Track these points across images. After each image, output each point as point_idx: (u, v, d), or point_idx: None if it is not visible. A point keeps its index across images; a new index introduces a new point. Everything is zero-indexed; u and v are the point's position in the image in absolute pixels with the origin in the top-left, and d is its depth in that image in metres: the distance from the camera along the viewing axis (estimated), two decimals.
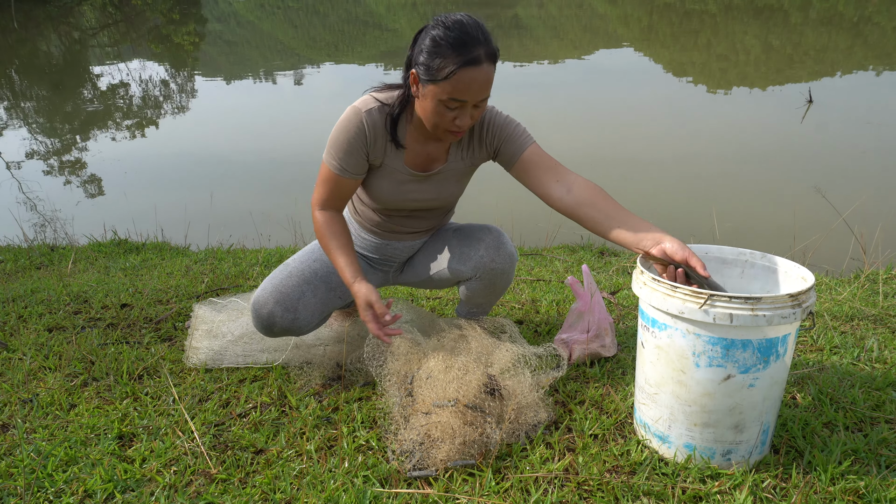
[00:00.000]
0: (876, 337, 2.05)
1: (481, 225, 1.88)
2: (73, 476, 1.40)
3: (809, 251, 3.29)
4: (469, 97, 1.51)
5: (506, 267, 1.82)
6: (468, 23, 1.49)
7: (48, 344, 2.06)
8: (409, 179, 1.73)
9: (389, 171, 1.72)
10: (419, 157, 1.72)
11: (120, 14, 22.92)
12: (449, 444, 1.42)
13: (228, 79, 11.49)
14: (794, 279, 1.44)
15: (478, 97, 1.52)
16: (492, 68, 1.51)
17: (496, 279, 1.83)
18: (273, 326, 1.75)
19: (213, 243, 3.79)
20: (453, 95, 1.50)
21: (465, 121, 1.55)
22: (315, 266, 1.83)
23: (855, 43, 12.61)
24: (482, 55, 1.48)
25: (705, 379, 1.33)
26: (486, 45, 1.49)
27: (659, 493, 1.32)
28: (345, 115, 1.64)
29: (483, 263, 1.80)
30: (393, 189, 1.74)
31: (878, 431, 1.50)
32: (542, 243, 3.79)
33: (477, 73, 1.48)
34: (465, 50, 1.46)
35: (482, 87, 1.51)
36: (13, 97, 10.07)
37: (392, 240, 1.90)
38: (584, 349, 1.88)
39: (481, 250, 1.81)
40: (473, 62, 1.47)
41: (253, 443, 1.53)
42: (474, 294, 1.90)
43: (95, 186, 5.78)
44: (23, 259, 3.38)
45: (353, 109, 1.63)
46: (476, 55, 1.47)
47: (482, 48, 1.48)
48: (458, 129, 1.57)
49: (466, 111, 1.54)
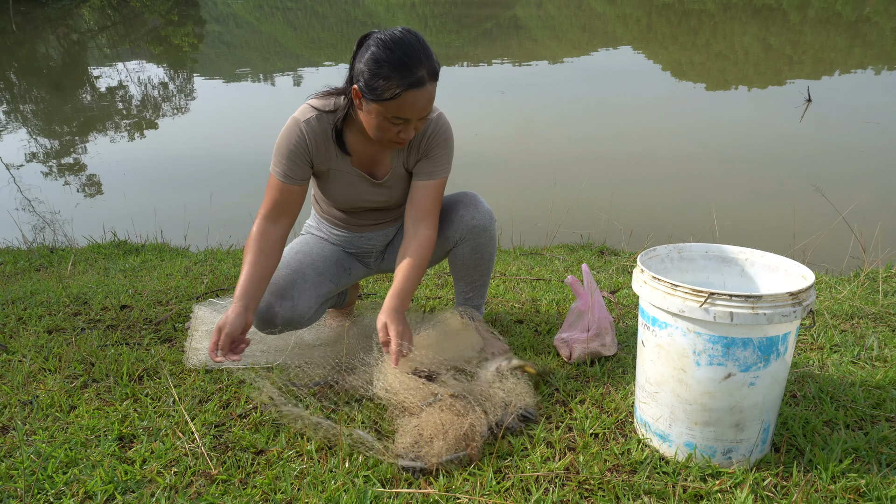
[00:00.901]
0: (876, 335, 2.05)
1: (456, 192, 1.94)
2: (73, 478, 1.40)
3: (809, 250, 3.29)
4: (412, 115, 1.57)
5: (486, 223, 1.87)
6: (409, 42, 1.51)
7: (48, 346, 2.06)
8: (362, 183, 1.80)
9: (339, 175, 1.79)
10: (365, 159, 1.78)
11: (118, 16, 22.91)
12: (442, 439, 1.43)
13: (227, 80, 11.49)
14: (795, 278, 1.44)
15: (420, 115, 1.58)
16: (434, 86, 1.57)
17: (479, 237, 1.87)
18: (274, 318, 1.76)
19: (213, 244, 3.79)
20: (396, 114, 1.55)
21: (408, 134, 1.61)
22: (299, 257, 1.90)
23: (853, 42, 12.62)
24: (424, 76, 1.52)
25: (706, 377, 1.33)
26: (427, 65, 1.53)
27: (660, 491, 1.32)
28: (286, 126, 1.71)
29: (465, 222, 1.85)
30: (347, 193, 1.82)
31: (878, 429, 1.50)
32: (542, 243, 3.79)
33: (420, 94, 1.53)
34: (408, 72, 1.50)
35: (425, 105, 1.57)
36: (12, 99, 10.06)
37: (362, 231, 1.97)
38: (585, 348, 1.88)
39: (460, 210, 1.86)
40: (416, 84, 1.51)
41: (253, 443, 1.53)
42: (464, 265, 1.92)
43: (95, 188, 5.78)
44: (22, 261, 3.38)
45: (293, 120, 1.70)
46: (419, 76, 1.51)
47: (424, 68, 1.52)
48: (402, 141, 1.63)
49: (410, 126, 1.60)
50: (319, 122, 1.69)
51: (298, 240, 2.01)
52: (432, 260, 2.03)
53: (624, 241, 3.77)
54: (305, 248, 1.94)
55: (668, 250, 1.57)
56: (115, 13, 23.25)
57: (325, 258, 1.94)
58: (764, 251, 1.53)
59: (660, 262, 1.56)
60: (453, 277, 2.01)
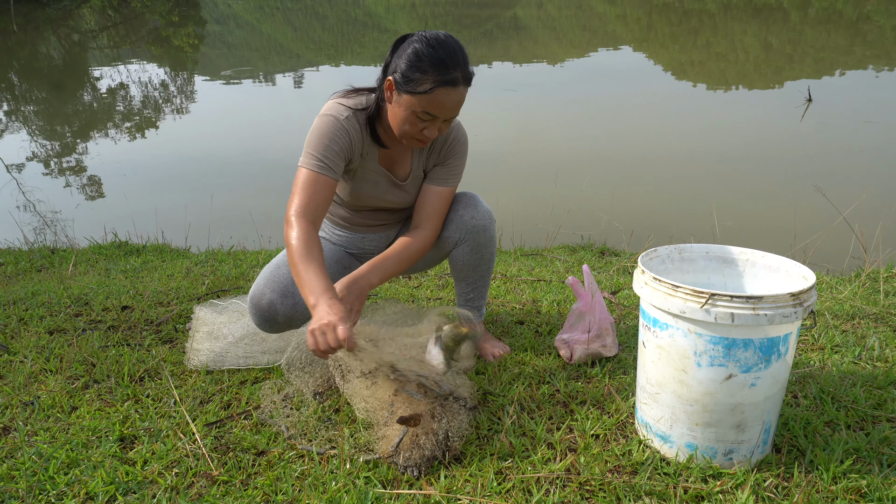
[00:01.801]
0: (877, 335, 2.05)
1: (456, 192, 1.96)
2: (74, 478, 1.40)
3: (810, 250, 3.29)
4: (441, 114, 1.60)
5: (486, 223, 1.87)
6: (451, 44, 1.58)
7: (49, 346, 2.06)
8: (385, 182, 1.83)
9: (365, 174, 1.81)
10: (388, 158, 1.82)
11: (119, 16, 22.92)
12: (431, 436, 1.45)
13: (228, 80, 11.50)
14: (795, 278, 1.44)
15: (449, 115, 1.62)
16: (466, 90, 1.62)
17: (479, 237, 1.87)
18: (276, 316, 1.76)
19: (214, 245, 3.79)
20: (427, 109, 1.59)
21: (432, 133, 1.64)
22: None
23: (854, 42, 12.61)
24: (459, 78, 1.58)
25: (707, 378, 1.33)
26: (464, 69, 1.59)
27: (661, 492, 1.32)
28: (322, 121, 1.68)
29: (463, 221, 1.86)
30: (371, 191, 1.85)
31: (879, 430, 1.50)
32: (543, 243, 3.79)
33: (452, 94, 1.58)
34: (445, 70, 1.55)
35: (455, 106, 1.61)
36: (13, 100, 10.07)
37: (364, 233, 1.98)
38: (586, 349, 1.88)
39: (459, 210, 1.87)
40: (451, 83, 1.57)
41: (254, 444, 1.53)
42: (464, 266, 1.92)
43: (95, 188, 5.78)
44: (23, 262, 3.38)
45: (329, 117, 1.68)
46: (454, 76, 1.57)
47: (460, 71, 1.58)
48: (425, 139, 1.65)
49: (436, 125, 1.63)
50: (357, 118, 1.72)
51: None
52: (432, 261, 2.04)
53: (625, 241, 3.77)
54: None
55: (669, 251, 1.57)
56: (116, 14, 23.26)
57: (327, 257, 1.95)
58: (765, 252, 1.53)
59: (660, 263, 1.56)
60: (454, 279, 2.01)
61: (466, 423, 1.53)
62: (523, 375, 1.83)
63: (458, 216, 1.87)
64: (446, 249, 1.93)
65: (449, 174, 1.83)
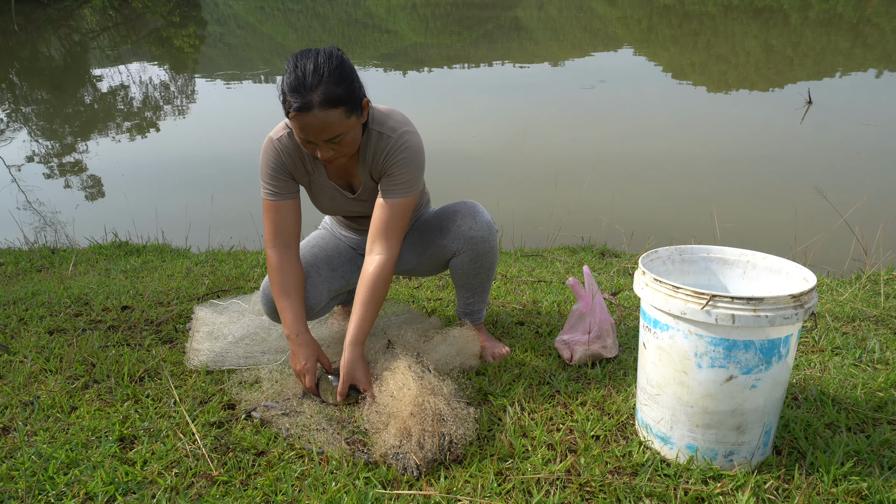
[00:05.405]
0: (877, 338, 2.05)
1: (456, 201, 1.95)
2: (74, 478, 1.40)
3: (811, 252, 3.29)
4: (309, 137, 1.55)
5: (485, 234, 1.86)
6: (308, 66, 1.50)
7: (49, 346, 2.06)
8: (340, 196, 1.82)
9: (320, 188, 1.82)
10: (338, 172, 1.79)
11: (120, 17, 22.95)
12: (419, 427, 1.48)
13: (228, 81, 11.50)
14: (796, 280, 1.44)
15: (318, 137, 1.55)
16: (330, 112, 1.51)
17: (478, 248, 1.87)
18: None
19: (214, 245, 3.79)
20: (298, 133, 1.56)
21: (324, 154, 1.59)
22: (315, 251, 1.94)
23: (854, 44, 12.62)
24: (314, 101, 1.49)
25: (707, 380, 1.33)
26: (321, 90, 1.49)
27: (661, 494, 1.32)
28: (263, 147, 1.74)
29: (462, 232, 1.85)
30: (330, 204, 1.86)
31: (880, 432, 1.50)
32: (543, 244, 3.79)
33: (309, 118, 1.51)
34: (297, 96, 1.50)
35: (318, 130, 1.52)
36: (13, 100, 10.07)
37: (365, 234, 1.99)
38: (586, 350, 1.88)
39: (458, 220, 1.87)
40: (303, 108, 1.50)
41: (254, 444, 1.53)
42: (464, 274, 1.93)
43: (96, 188, 5.78)
44: (23, 261, 3.38)
45: (268, 139, 1.74)
46: (306, 101, 1.49)
47: (315, 94, 1.49)
48: (327, 159, 1.60)
49: (319, 147, 1.58)
50: (291, 139, 1.71)
51: (315, 234, 2.06)
52: (434, 270, 2.04)
53: (625, 242, 3.77)
54: (321, 243, 1.99)
55: (670, 252, 1.57)
56: (117, 14, 23.29)
57: (339, 254, 1.99)
58: (765, 253, 1.53)
59: (661, 265, 1.56)
60: (454, 284, 2.01)
61: (472, 430, 1.52)
62: (523, 376, 1.83)
63: (457, 226, 1.86)
64: (446, 258, 1.93)
65: (392, 185, 1.70)
